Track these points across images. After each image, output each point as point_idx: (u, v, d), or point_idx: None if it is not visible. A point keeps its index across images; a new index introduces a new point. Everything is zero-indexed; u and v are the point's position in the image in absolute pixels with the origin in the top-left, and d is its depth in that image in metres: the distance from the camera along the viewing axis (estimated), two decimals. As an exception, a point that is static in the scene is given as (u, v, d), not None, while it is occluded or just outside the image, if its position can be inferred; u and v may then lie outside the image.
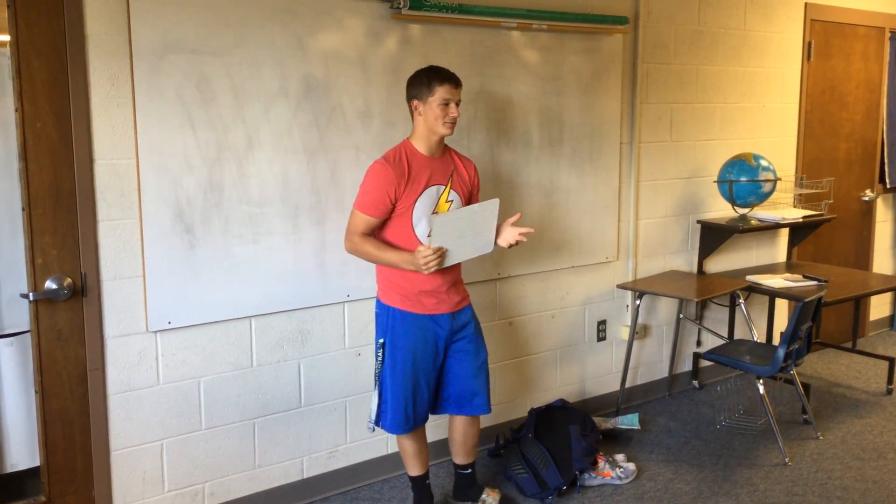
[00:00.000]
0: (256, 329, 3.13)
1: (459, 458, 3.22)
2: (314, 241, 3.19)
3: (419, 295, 2.91)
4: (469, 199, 3.04)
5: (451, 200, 2.95)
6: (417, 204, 2.85)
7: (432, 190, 2.89)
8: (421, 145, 2.89)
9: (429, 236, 2.84)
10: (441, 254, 2.75)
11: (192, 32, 2.82)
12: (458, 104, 2.86)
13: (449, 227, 2.76)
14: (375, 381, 2.99)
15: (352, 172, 3.23)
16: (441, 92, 2.81)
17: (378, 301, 3.00)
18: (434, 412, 3.09)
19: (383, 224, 2.88)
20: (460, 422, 3.14)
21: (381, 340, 2.95)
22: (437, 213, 2.89)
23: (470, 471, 3.25)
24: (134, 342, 2.86)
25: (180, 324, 2.93)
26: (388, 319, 2.94)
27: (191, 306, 2.94)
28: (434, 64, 2.94)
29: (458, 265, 3.01)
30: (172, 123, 2.82)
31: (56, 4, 2.60)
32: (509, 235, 2.98)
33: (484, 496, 3.26)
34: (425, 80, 2.84)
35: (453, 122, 2.87)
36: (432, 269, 2.75)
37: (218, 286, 2.99)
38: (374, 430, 3.02)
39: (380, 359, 2.96)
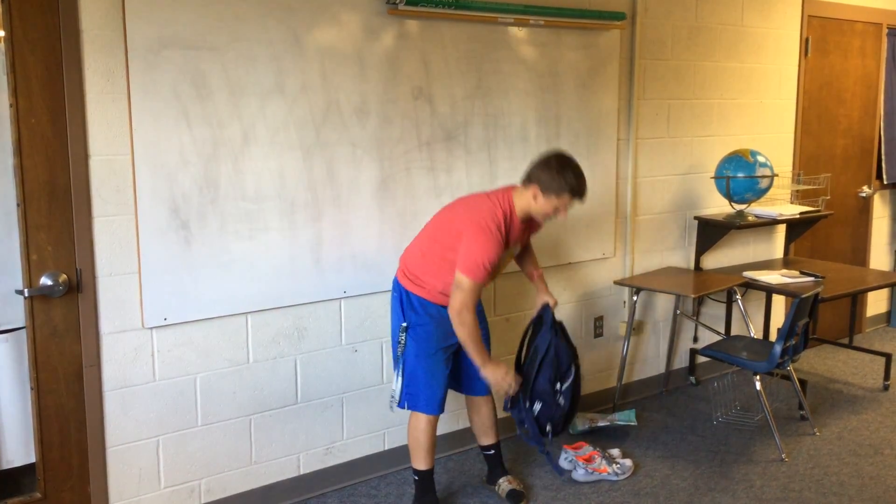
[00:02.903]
0: (252, 325, 3.12)
1: (482, 438, 3.35)
2: (310, 238, 3.18)
3: (439, 294, 2.99)
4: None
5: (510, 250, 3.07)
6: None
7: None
8: (520, 212, 2.97)
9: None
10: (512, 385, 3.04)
11: (188, 28, 2.81)
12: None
13: None
14: (397, 363, 3.05)
15: (347, 169, 3.22)
16: (566, 201, 2.89)
17: (398, 284, 3.06)
18: (454, 388, 3.25)
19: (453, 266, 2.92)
20: (475, 402, 3.28)
21: (405, 324, 3.03)
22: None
23: (493, 451, 3.35)
24: (129, 338, 2.86)
25: (176, 320, 2.92)
26: (408, 304, 3.02)
27: (186, 302, 2.93)
28: (563, 156, 2.93)
29: None
30: (168, 119, 2.81)
31: (51, 0, 2.60)
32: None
33: (500, 480, 3.36)
34: (562, 183, 2.85)
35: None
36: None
37: (214, 282, 2.98)
38: (393, 409, 3.13)
39: (402, 342, 3.03)
